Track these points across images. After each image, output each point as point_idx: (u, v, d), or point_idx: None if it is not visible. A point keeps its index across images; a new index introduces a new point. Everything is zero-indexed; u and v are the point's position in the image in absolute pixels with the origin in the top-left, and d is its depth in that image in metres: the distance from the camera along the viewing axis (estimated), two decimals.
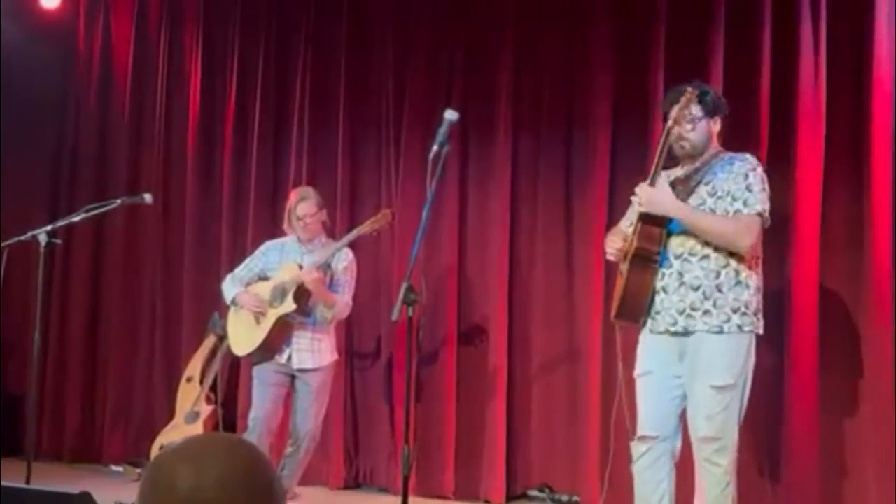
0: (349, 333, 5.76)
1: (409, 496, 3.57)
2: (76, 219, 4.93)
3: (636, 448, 3.67)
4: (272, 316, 4.74)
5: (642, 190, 3.57)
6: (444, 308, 5.48)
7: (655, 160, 3.59)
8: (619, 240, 3.70)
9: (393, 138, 5.74)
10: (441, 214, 5.45)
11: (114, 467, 6.10)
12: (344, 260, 4.84)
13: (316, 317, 4.78)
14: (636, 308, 3.63)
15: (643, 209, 3.56)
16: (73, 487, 3.81)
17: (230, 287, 4.92)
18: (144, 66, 6.46)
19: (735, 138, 4.80)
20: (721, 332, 3.52)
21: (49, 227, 4.74)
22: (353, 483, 5.75)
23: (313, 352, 4.79)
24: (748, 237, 3.52)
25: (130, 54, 6.48)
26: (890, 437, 4.44)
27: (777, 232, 4.76)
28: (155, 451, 5.68)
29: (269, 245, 5.02)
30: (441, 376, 5.49)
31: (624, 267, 3.64)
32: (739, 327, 3.54)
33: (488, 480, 5.36)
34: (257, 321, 4.78)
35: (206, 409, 5.69)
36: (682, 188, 3.63)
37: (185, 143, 6.29)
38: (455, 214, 5.53)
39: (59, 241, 5.11)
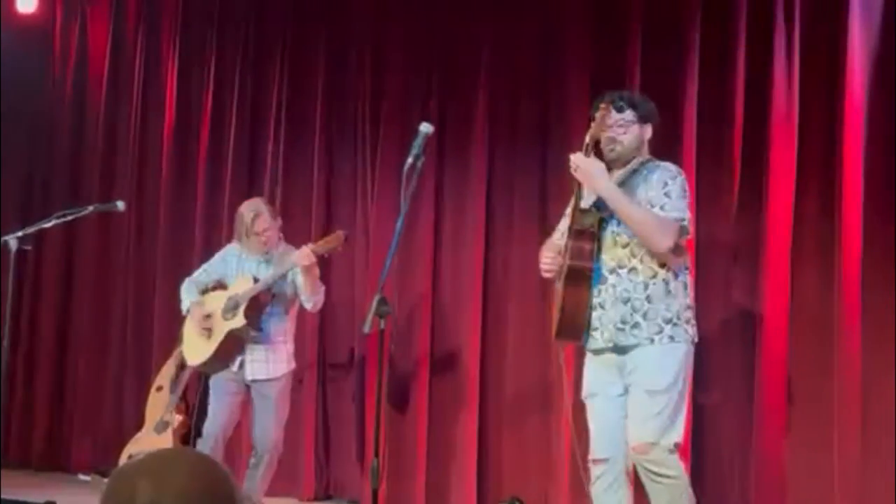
0: (321, 344, 5.75)
1: None
2: (47, 225, 4.88)
3: (592, 471, 3.67)
4: (223, 329, 4.64)
5: (580, 159, 3.53)
6: (417, 320, 5.48)
7: (587, 140, 3.56)
8: (552, 255, 3.68)
9: (369, 150, 5.74)
10: (415, 227, 5.45)
11: (82, 476, 6.06)
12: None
13: (268, 330, 4.67)
14: (575, 326, 3.60)
15: (578, 177, 3.54)
16: (41, 496, 3.80)
17: (187, 293, 4.82)
18: (120, 72, 6.45)
19: (708, 154, 4.88)
20: (652, 342, 3.51)
21: (20, 234, 4.69)
22: (324, 495, 5.74)
23: (268, 362, 4.68)
24: (668, 239, 3.47)
25: (106, 60, 6.47)
26: (854, 457, 4.47)
27: (749, 248, 4.82)
28: (124, 460, 5.63)
29: (228, 251, 4.88)
30: (413, 389, 5.49)
31: (559, 285, 3.62)
32: (671, 338, 3.52)
33: (459, 494, 5.36)
34: (209, 334, 4.70)
35: (176, 419, 5.65)
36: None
37: (160, 150, 6.28)
38: (430, 227, 5.54)
39: (29, 248, 5.07)
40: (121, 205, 5.03)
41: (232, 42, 6.14)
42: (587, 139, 3.57)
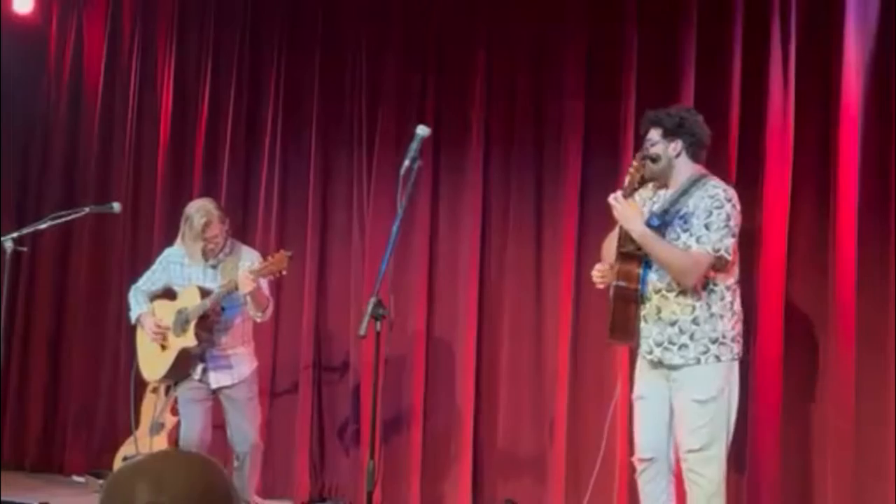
0: (317, 347, 5.75)
1: None
2: (43, 226, 4.88)
3: (639, 470, 3.86)
4: (176, 346, 4.56)
5: (618, 202, 3.66)
6: (412, 323, 5.48)
7: (628, 180, 3.66)
8: (604, 269, 3.85)
9: (365, 151, 5.74)
10: (412, 229, 5.45)
11: (76, 478, 6.04)
12: (252, 264, 4.46)
13: (224, 340, 4.58)
14: (625, 335, 3.83)
15: (616, 216, 3.69)
16: (34, 498, 3.79)
17: (135, 303, 4.73)
18: (116, 73, 6.44)
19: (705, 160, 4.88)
20: (698, 363, 3.69)
21: (15, 235, 4.68)
22: (319, 497, 5.73)
23: (231, 367, 4.63)
24: (692, 275, 3.64)
25: (102, 60, 6.45)
26: (849, 458, 4.49)
27: (744, 252, 4.82)
28: (118, 461, 5.62)
29: (169, 257, 4.72)
30: (408, 391, 5.49)
31: (609, 298, 3.81)
32: (717, 357, 3.70)
33: (454, 495, 5.36)
34: (162, 347, 4.62)
35: (170, 421, 5.63)
36: (661, 223, 3.74)
37: (156, 151, 6.26)
38: (426, 229, 5.54)
39: (24, 249, 5.05)
40: (116, 206, 5.02)
41: (228, 43, 6.13)
42: (627, 179, 3.68)
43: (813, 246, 4.74)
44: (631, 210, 3.67)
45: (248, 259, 4.59)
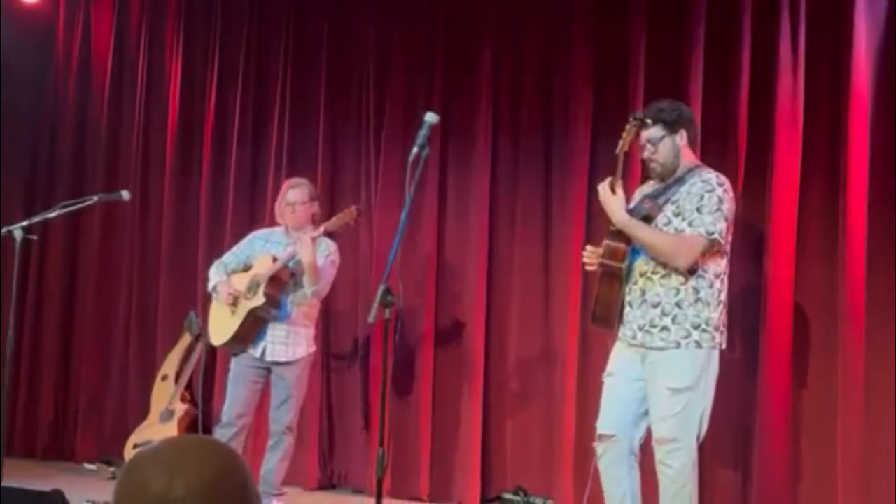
0: (326, 335, 5.76)
1: (383, 498, 3.58)
2: (52, 215, 4.89)
3: (598, 447, 3.79)
4: (244, 308, 4.71)
5: (603, 189, 3.72)
6: (421, 310, 5.49)
7: (615, 169, 3.71)
8: (592, 250, 3.83)
9: (373, 140, 5.74)
10: (420, 216, 5.46)
11: (87, 465, 6.06)
12: (325, 251, 4.77)
13: (288, 310, 4.74)
14: (606, 318, 3.79)
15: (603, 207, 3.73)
16: (46, 485, 3.80)
17: (215, 274, 4.90)
18: (124, 63, 6.45)
19: (712, 148, 4.87)
20: (678, 346, 3.64)
21: (24, 223, 4.70)
22: (328, 484, 5.75)
23: (287, 344, 4.76)
24: (686, 257, 3.61)
25: (110, 51, 6.46)
26: (858, 449, 4.48)
27: (752, 242, 4.82)
28: (128, 449, 5.66)
29: (256, 234, 5.03)
30: (417, 379, 5.50)
31: (598, 279, 3.81)
32: (698, 343, 3.64)
33: (463, 483, 5.37)
34: (232, 312, 4.76)
35: (180, 408, 5.67)
36: (653, 205, 3.73)
37: (164, 140, 6.28)
38: (434, 217, 5.54)
39: (34, 238, 5.07)
40: (125, 194, 5.03)
41: (235, 33, 6.13)
42: (615, 169, 3.72)
43: (822, 237, 4.72)
44: (613, 198, 3.67)
45: (325, 244, 4.78)
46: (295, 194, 4.81)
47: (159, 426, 5.58)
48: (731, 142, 4.85)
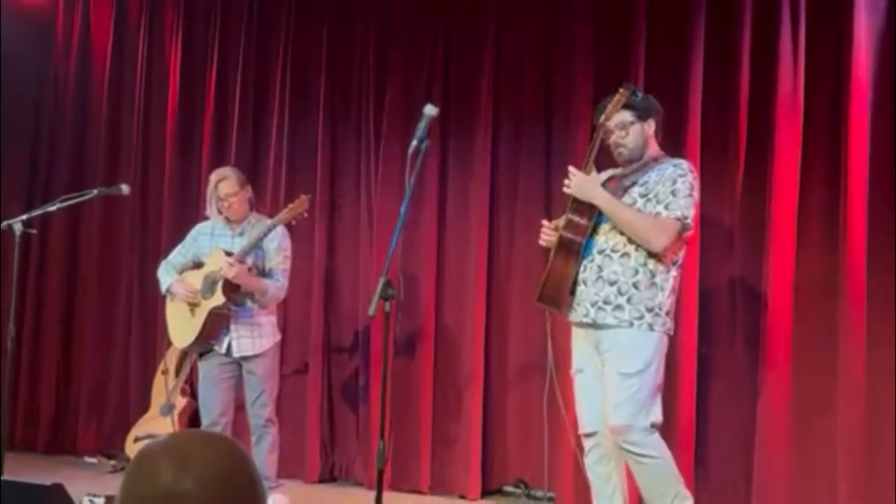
0: (326, 327, 5.77)
1: (383, 491, 3.58)
2: (52, 209, 4.89)
3: (585, 444, 3.81)
4: (204, 308, 4.63)
5: (575, 174, 3.68)
6: (421, 303, 5.49)
7: (588, 152, 3.70)
8: (553, 227, 3.81)
9: (373, 133, 5.74)
10: (420, 209, 5.46)
11: (88, 459, 6.07)
12: (274, 239, 4.66)
13: (249, 304, 4.68)
14: (556, 295, 3.75)
15: (572, 192, 3.68)
16: (47, 479, 3.80)
17: (165, 275, 4.82)
18: (123, 56, 6.44)
19: (714, 138, 4.88)
20: (631, 326, 3.63)
21: (24, 217, 4.71)
22: (329, 477, 5.76)
23: (253, 338, 4.69)
24: (662, 238, 3.61)
25: (109, 44, 6.46)
26: (860, 436, 4.49)
27: (754, 231, 4.83)
28: (130, 443, 5.67)
29: (199, 229, 4.86)
30: (418, 371, 5.51)
31: (551, 254, 3.77)
32: (650, 326, 3.64)
33: (464, 475, 5.38)
34: (192, 312, 4.68)
35: (181, 402, 5.68)
36: (617, 186, 3.73)
37: (164, 133, 6.27)
38: (434, 209, 5.54)
39: (34, 232, 5.08)
40: (125, 188, 5.04)
41: (235, 24, 6.12)
42: (588, 152, 3.71)
43: (823, 234, 4.71)
44: (587, 180, 3.66)
45: (272, 233, 4.66)
46: (225, 187, 4.66)
47: (159, 420, 5.59)
48: (731, 131, 4.85)
